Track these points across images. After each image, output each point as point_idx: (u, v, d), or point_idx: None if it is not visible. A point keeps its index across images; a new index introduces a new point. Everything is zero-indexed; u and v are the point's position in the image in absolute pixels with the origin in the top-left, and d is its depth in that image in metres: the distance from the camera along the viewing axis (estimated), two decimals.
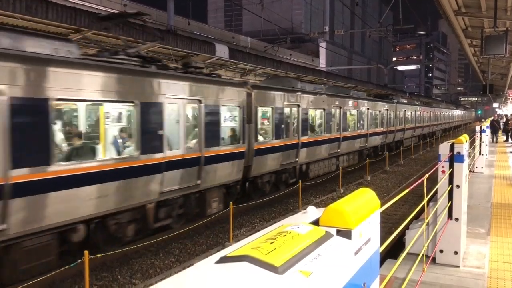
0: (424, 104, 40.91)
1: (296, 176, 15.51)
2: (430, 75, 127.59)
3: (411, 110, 32.83)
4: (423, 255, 4.66)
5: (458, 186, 5.34)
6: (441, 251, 5.34)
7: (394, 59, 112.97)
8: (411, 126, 33.00)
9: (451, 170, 5.31)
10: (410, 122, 32.72)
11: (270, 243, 1.66)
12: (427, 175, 4.25)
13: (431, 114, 41.42)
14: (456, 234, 5.32)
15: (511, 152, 20.21)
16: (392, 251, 7.36)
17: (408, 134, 32.29)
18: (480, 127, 15.73)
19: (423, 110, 37.70)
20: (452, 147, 5.30)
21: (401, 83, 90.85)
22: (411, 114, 32.78)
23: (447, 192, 5.32)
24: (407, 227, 5.89)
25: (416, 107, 34.96)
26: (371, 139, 23.51)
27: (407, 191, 3.55)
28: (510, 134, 27.96)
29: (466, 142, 5.42)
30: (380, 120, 25.31)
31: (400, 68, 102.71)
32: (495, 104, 56.75)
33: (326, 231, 1.91)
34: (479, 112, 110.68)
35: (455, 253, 5.29)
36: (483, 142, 14.82)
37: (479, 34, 13.24)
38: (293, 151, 14.93)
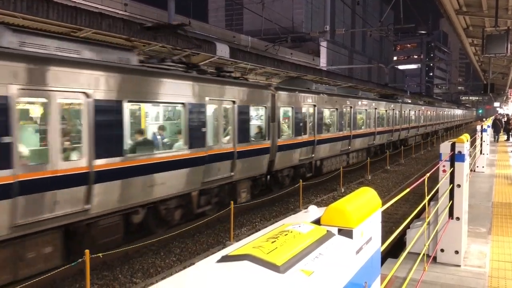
0: (427, 104, 41.55)
1: (312, 171, 16.72)
2: (431, 74, 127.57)
3: (415, 110, 33.48)
4: (424, 255, 4.65)
5: (459, 186, 5.34)
6: (442, 251, 5.33)
7: (395, 58, 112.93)
8: (415, 125, 33.66)
9: (452, 169, 5.31)
10: (414, 121, 33.42)
11: (272, 242, 1.66)
12: (428, 175, 4.24)
13: (433, 113, 41.98)
14: (457, 233, 5.31)
15: None
16: (393, 251, 7.35)
17: (412, 132, 33.01)
18: (481, 126, 15.73)
19: (426, 110, 38.34)
20: (453, 146, 5.29)
21: (402, 82, 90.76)
22: (415, 113, 33.42)
23: (448, 191, 5.32)
24: (408, 227, 5.88)
25: (419, 106, 35.69)
26: (379, 137, 24.37)
27: (408, 190, 3.54)
28: (511, 134, 27.93)
29: (467, 141, 5.41)
30: (387, 119, 26.09)
31: (401, 67, 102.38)
32: (496, 103, 56.73)
33: (327, 230, 1.91)
34: (480, 111, 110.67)
35: (456, 252, 5.29)
36: (484, 141, 14.82)
37: (480, 33, 13.23)
38: (310, 147, 16.06)
